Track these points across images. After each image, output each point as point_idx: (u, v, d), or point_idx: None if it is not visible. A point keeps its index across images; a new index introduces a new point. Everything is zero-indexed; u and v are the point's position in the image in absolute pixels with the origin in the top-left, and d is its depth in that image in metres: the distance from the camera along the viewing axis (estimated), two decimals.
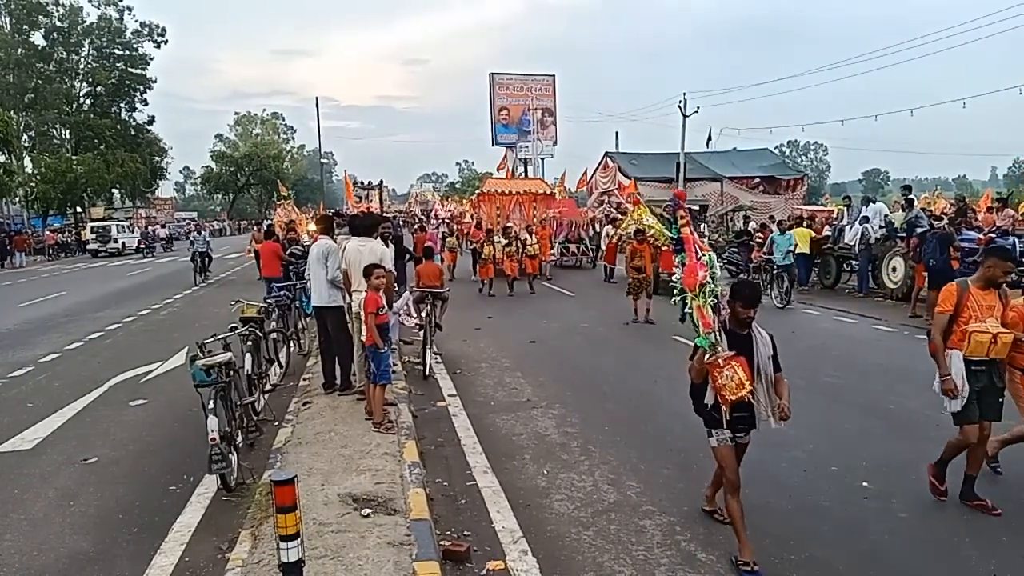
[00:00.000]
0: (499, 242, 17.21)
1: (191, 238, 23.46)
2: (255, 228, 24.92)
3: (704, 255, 4.21)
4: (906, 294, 13.79)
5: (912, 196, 16.47)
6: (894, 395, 7.65)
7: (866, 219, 15.82)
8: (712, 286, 4.07)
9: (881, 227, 15.59)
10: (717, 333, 4.04)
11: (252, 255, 19.98)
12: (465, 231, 26.72)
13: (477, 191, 24.09)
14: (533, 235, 18.32)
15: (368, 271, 6.31)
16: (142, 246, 38.67)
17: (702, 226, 19.97)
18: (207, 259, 20.93)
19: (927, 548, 4.34)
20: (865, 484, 5.23)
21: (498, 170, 31.16)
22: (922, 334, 11.26)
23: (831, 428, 6.60)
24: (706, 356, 4.05)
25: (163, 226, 51.91)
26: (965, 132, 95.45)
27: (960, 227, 13.46)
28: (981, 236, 13.53)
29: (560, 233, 23.73)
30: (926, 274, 12.22)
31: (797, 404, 7.33)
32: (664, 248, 14.54)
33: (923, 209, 16.39)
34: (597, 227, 24.72)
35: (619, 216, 24.67)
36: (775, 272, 14.57)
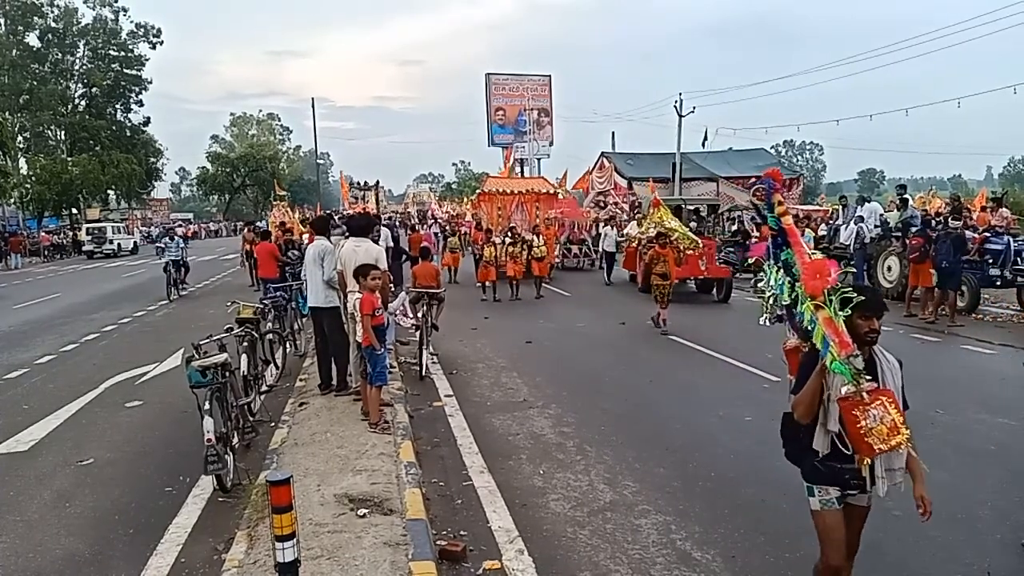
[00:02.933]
0: (501, 243, 16.24)
1: (163, 243, 19.52)
2: (246, 230, 22.03)
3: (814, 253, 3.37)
4: (901, 293, 13.83)
5: (907, 196, 16.56)
6: None
7: (861, 218, 15.90)
8: (846, 291, 3.03)
9: (876, 226, 15.67)
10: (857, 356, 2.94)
11: (245, 262, 18.96)
12: (465, 231, 26.11)
13: (478, 191, 23.17)
14: (540, 236, 17.24)
15: (362, 272, 6.29)
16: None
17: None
18: (183, 269, 18.36)
19: (922, 547, 4.36)
20: None
21: (502, 172, 30.63)
22: (917, 333, 11.45)
23: None
24: (843, 388, 2.93)
25: (181, 224, 52.05)
26: (960, 132, 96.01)
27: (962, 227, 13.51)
28: (976, 236, 13.60)
29: (562, 234, 23.14)
30: (933, 272, 12.22)
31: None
32: (690, 252, 13.96)
33: (917, 209, 16.48)
34: (600, 228, 24.36)
35: (620, 214, 24.60)
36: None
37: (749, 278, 15.45)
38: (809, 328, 3.12)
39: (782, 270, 3.42)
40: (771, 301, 3.57)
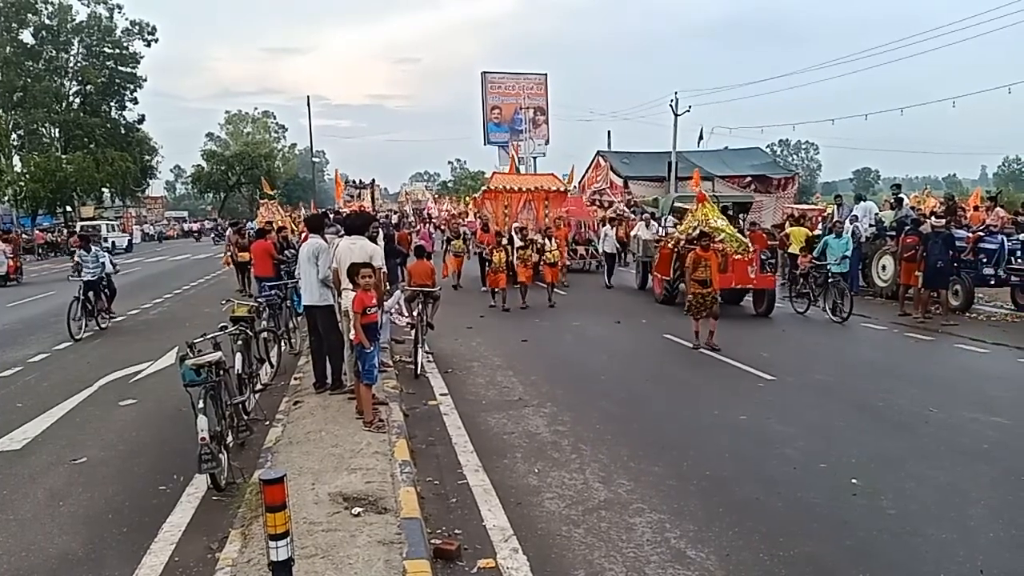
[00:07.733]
0: (510, 243, 15.08)
1: (77, 257, 13.20)
2: (231, 230, 19.48)
3: None
4: (895, 292, 13.88)
5: (901, 195, 16.60)
6: (883, 392, 7.70)
7: (856, 218, 15.92)
8: None
9: (871, 225, 15.70)
10: None
11: (230, 265, 17.40)
12: (466, 231, 25.03)
13: (483, 188, 21.75)
14: (552, 239, 15.73)
15: (353, 271, 6.25)
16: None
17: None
18: (105, 292, 13.05)
19: (915, 545, 4.37)
20: (854, 481, 5.26)
21: (508, 171, 29.57)
22: (911, 332, 11.49)
23: (821, 425, 6.64)
24: None
25: (194, 220, 51.90)
26: (955, 131, 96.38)
27: (950, 226, 13.58)
28: (970, 235, 13.66)
29: (568, 233, 21.93)
30: (919, 273, 12.27)
31: (788, 402, 7.41)
32: (738, 256, 12.66)
33: (912, 208, 16.54)
34: (608, 227, 23.40)
35: (627, 213, 24.24)
36: (830, 280, 12.67)
37: None
38: None
39: None
40: None
